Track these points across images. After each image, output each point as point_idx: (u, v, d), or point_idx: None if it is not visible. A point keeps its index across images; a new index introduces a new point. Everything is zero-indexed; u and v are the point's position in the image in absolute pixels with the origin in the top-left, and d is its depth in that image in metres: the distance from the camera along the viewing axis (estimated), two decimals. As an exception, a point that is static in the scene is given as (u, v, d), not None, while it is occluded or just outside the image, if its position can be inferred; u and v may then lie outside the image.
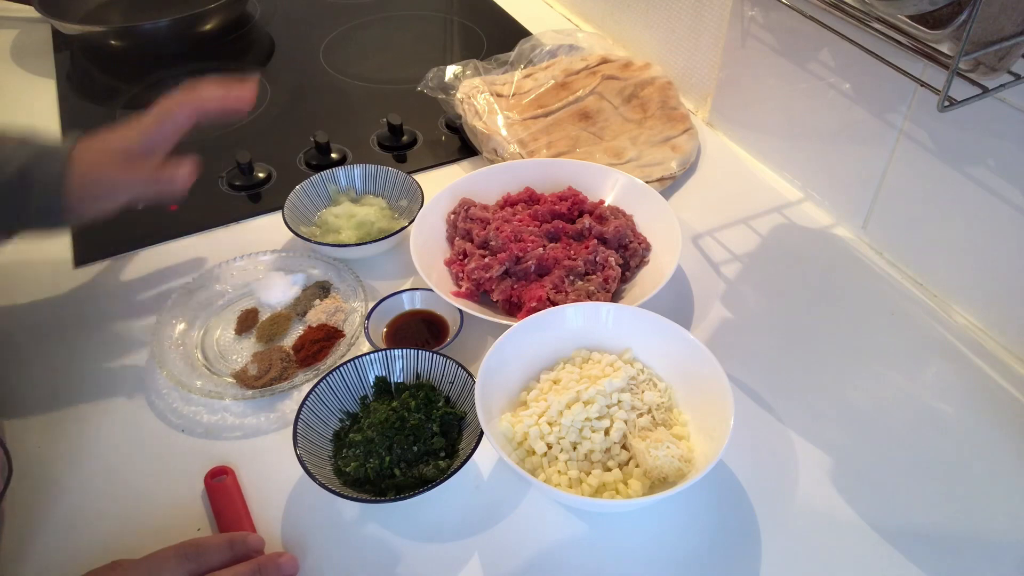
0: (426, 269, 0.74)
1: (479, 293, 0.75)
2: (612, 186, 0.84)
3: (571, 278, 0.74)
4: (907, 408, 0.68)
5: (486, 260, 0.75)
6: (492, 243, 0.76)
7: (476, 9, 1.34)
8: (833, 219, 0.88)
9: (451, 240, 0.81)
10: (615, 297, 0.75)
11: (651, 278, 0.75)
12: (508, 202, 0.84)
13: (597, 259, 0.75)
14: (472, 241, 0.78)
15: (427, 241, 0.79)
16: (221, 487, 0.61)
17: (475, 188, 0.84)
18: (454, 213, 0.82)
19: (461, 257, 0.78)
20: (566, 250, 0.77)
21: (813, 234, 0.87)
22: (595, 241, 0.77)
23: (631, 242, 0.78)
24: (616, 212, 0.81)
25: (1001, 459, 0.64)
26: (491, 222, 0.79)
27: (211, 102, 0.73)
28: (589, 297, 0.72)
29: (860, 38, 0.69)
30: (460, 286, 0.75)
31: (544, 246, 0.76)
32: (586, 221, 0.79)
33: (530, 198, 0.84)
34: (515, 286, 0.74)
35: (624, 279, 0.78)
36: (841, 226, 0.87)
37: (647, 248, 0.79)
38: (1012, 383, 0.70)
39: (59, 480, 0.63)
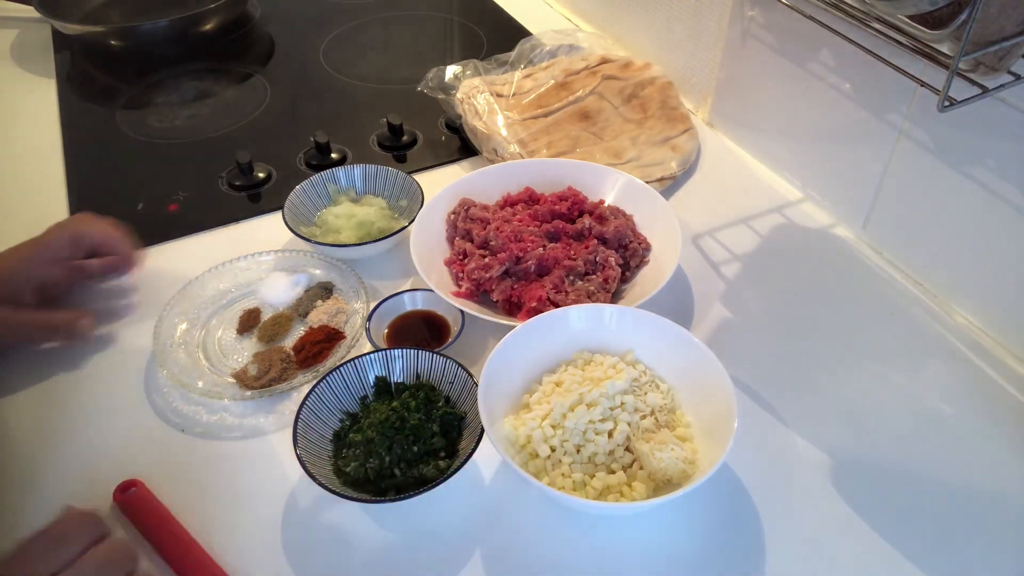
0: (426, 269, 0.74)
1: (479, 293, 0.75)
2: (612, 186, 0.84)
3: (571, 278, 0.74)
4: (907, 408, 0.68)
5: (486, 260, 0.75)
6: (492, 243, 0.76)
7: (476, 9, 1.34)
8: (833, 219, 0.88)
9: (451, 240, 0.81)
10: (615, 297, 0.75)
11: (651, 278, 0.75)
12: (508, 202, 0.84)
13: (597, 259, 0.75)
14: (472, 241, 0.78)
15: (427, 241, 0.79)
16: (134, 500, 0.60)
17: (475, 188, 0.84)
18: (454, 213, 0.82)
19: (461, 257, 0.78)
20: (566, 250, 0.77)
21: (813, 234, 0.87)
22: (595, 241, 0.77)
23: (631, 242, 0.78)
24: (616, 212, 0.81)
25: (1001, 459, 0.64)
26: (491, 222, 0.79)
27: (93, 239, 0.74)
28: (589, 297, 0.72)
29: (860, 38, 0.69)
30: (460, 286, 0.75)
31: (544, 246, 0.76)
32: (586, 221, 0.79)
33: (530, 198, 0.84)
34: (515, 286, 0.74)
35: (624, 279, 0.78)
36: (841, 226, 0.87)
37: (647, 248, 0.79)
38: (1012, 383, 0.70)
39: (58, 478, 0.63)
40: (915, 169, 0.76)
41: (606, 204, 0.83)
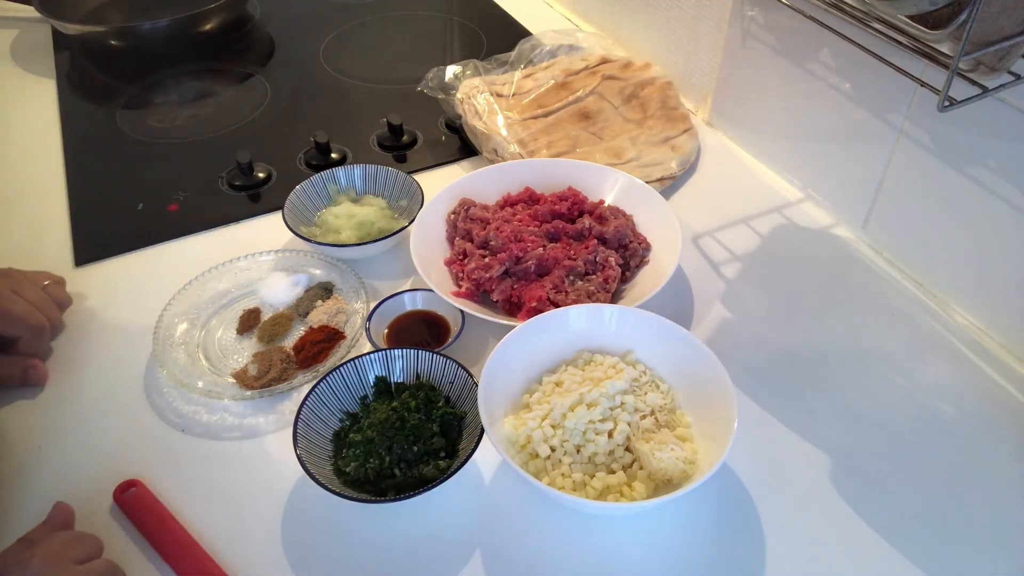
0: (426, 269, 0.74)
1: (479, 293, 0.75)
2: (612, 186, 0.84)
3: (571, 278, 0.74)
4: (907, 408, 0.68)
5: (486, 260, 0.75)
6: (492, 243, 0.76)
7: (476, 9, 1.34)
8: (833, 219, 0.88)
9: (451, 240, 0.81)
10: (615, 297, 0.75)
11: (651, 278, 0.75)
12: (508, 202, 0.84)
13: (597, 259, 0.75)
14: (472, 241, 0.78)
15: (427, 241, 0.79)
16: (134, 500, 0.60)
17: (475, 188, 0.84)
18: (454, 213, 0.82)
19: (461, 257, 0.78)
20: (566, 250, 0.77)
21: (813, 234, 0.87)
22: (595, 241, 0.77)
23: (631, 242, 0.78)
24: (616, 212, 0.81)
25: (1001, 459, 0.64)
26: (491, 222, 0.79)
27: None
28: (589, 297, 0.72)
29: (860, 38, 0.69)
30: (460, 286, 0.75)
31: (544, 246, 0.76)
32: (586, 221, 0.79)
33: (530, 198, 0.84)
34: (515, 286, 0.74)
35: (624, 279, 0.78)
36: (841, 226, 0.87)
37: (647, 248, 0.79)
38: (1012, 383, 0.70)
39: (59, 477, 0.63)
40: (915, 169, 0.76)
41: (606, 204, 0.82)
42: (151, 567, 0.57)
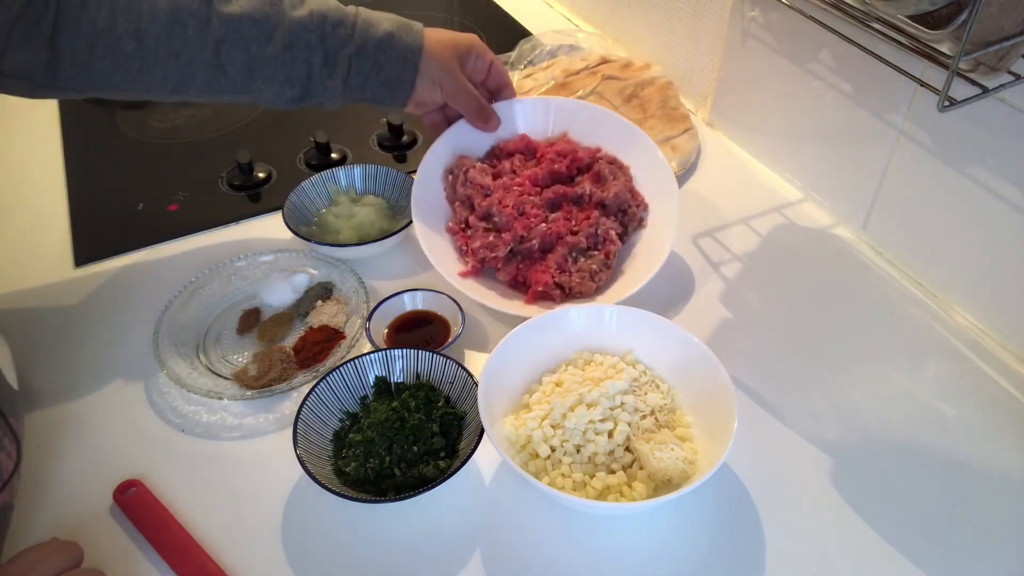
0: (430, 245, 0.75)
1: (483, 269, 0.77)
2: (606, 129, 0.84)
3: (574, 255, 0.76)
4: (907, 408, 0.68)
5: (491, 239, 0.75)
6: (496, 219, 0.77)
7: (476, 9, 1.34)
8: (833, 219, 0.88)
9: (451, 201, 0.81)
10: (614, 273, 0.77)
11: (649, 252, 0.77)
12: (504, 152, 0.83)
13: (598, 231, 0.77)
14: (474, 210, 0.79)
15: (428, 202, 0.80)
16: (134, 500, 0.60)
17: (470, 139, 0.84)
18: (451, 174, 0.82)
19: (463, 226, 0.78)
20: (567, 223, 0.78)
21: (813, 234, 0.87)
22: (595, 212, 0.78)
23: (630, 207, 0.80)
24: (613, 168, 0.81)
25: (1001, 459, 0.64)
26: (492, 189, 0.79)
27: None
28: (592, 278, 0.74)
29: (860, 38, 0.69)
30: (466, 263, 0.75)
31: (546, 218, 0.78)
32: (586, 187, 0.79)
33: (526, 147, 0.84)
34: (520, 265, 0.76)
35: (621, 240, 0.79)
36: (841, 226, 0.87)
37: (645, 208, 0.80)
38: (1012, 383, 0.70)
39: (58, 477, 0.63)
40: (915, 169, 0.76)
41: (602, 152, 0.83)
42: (151, 567, 0.57)
